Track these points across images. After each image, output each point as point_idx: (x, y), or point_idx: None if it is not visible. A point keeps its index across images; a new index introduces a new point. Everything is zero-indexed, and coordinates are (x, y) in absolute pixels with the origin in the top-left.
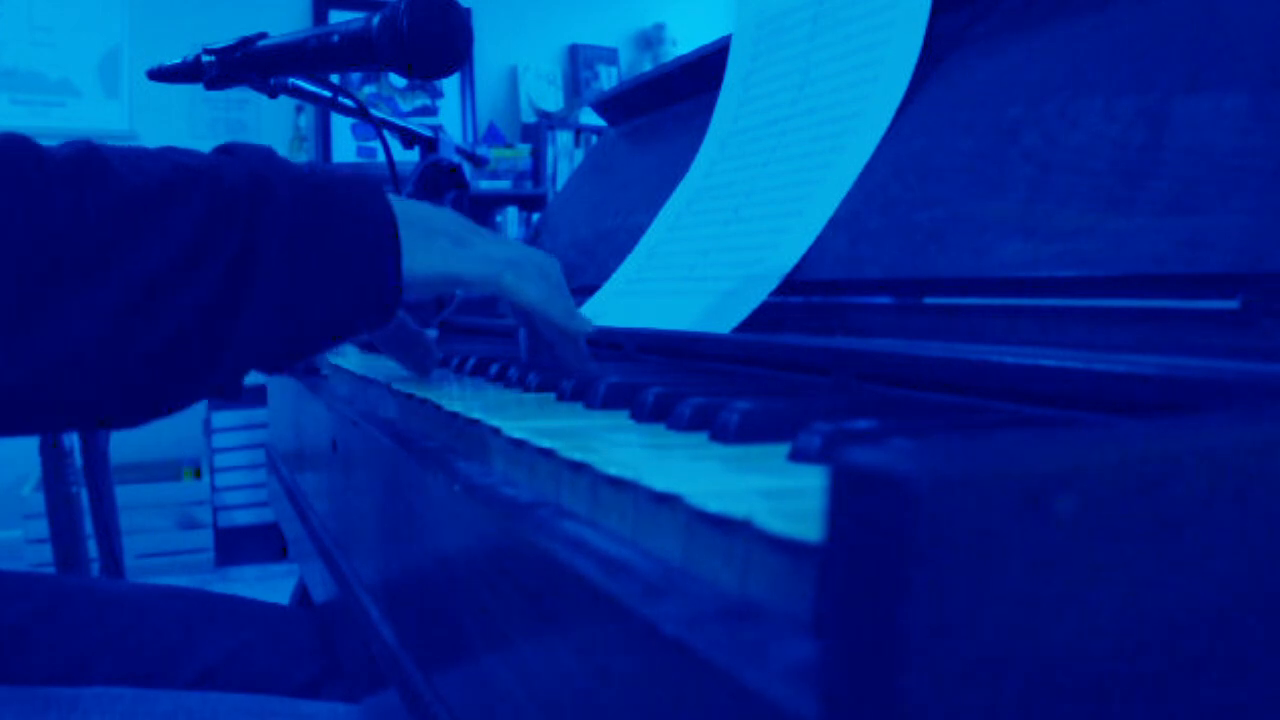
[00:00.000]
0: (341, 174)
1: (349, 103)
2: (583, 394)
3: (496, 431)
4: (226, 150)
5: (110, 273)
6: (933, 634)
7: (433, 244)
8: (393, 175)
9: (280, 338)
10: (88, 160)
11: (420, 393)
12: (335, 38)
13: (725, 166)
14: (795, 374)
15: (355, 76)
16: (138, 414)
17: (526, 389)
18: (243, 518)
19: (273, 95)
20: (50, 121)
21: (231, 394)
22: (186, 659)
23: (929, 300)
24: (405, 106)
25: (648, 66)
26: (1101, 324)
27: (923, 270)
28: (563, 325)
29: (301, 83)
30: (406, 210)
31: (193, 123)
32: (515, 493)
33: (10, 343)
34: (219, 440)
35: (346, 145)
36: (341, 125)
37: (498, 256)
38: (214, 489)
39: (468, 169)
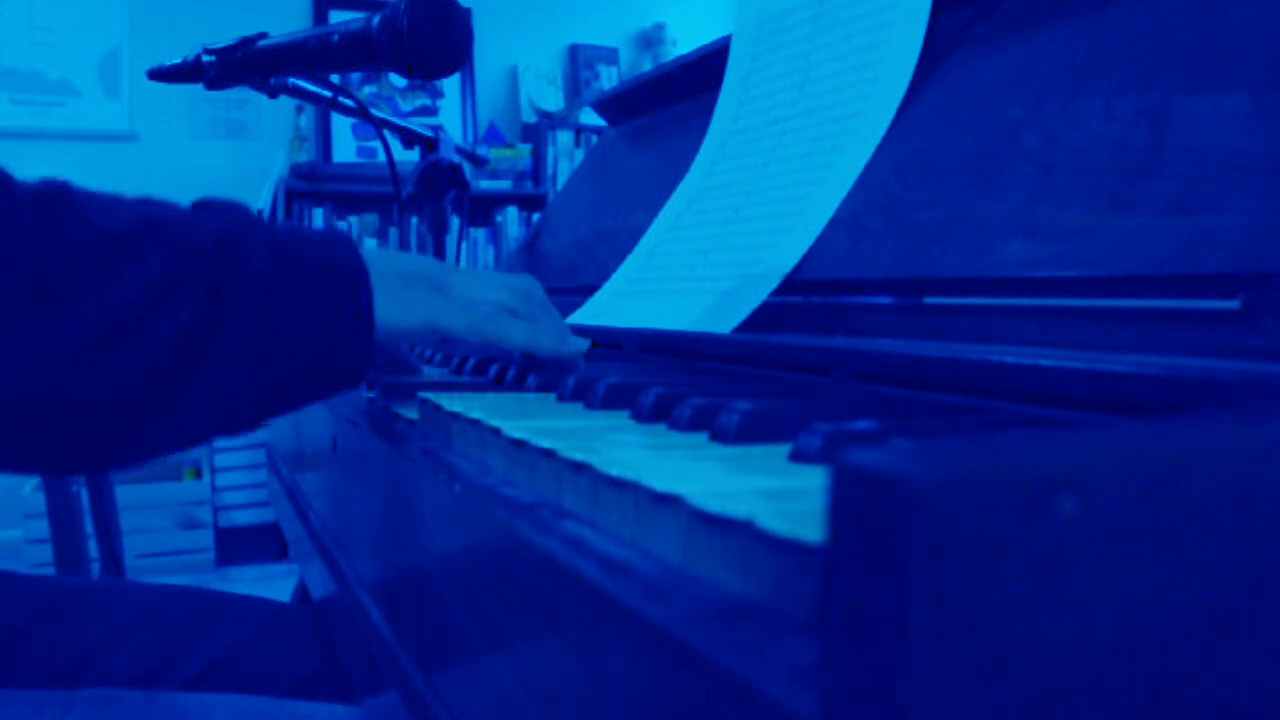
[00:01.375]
0: (315, 232)
1: (349, 103)
2: (583, 394)
3: (497, 431)
4: (201, 205)
5: (69, 307)
6: (933, 634)
7: (412, 294)
8: (393, 175)
9: (245, 394)
10: (58, 197)
11: (422, 393)
12: (335, 38)
13: (725, 166)
14: (795, 374)
15: (355, 76)
16: (92, 459)
17: (526, 389)
18: (243, 518)
19: (273, 95)
20: (50, 121)
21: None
22: (186, 656)
23: (929, 300)
24: (405, 106)
25: (648, 66)
26: (1102, 324)
27: (923, 270)
28: (554, 354)
29: (301, 83)
30: (381, 262)
31: (193, 123)
32: (515, 493)
33: None
34: (219, 440)
35: (346, 145)
36: (341, 125)
37: (478, 300)
38: (214, 489)
39: (468, 169)
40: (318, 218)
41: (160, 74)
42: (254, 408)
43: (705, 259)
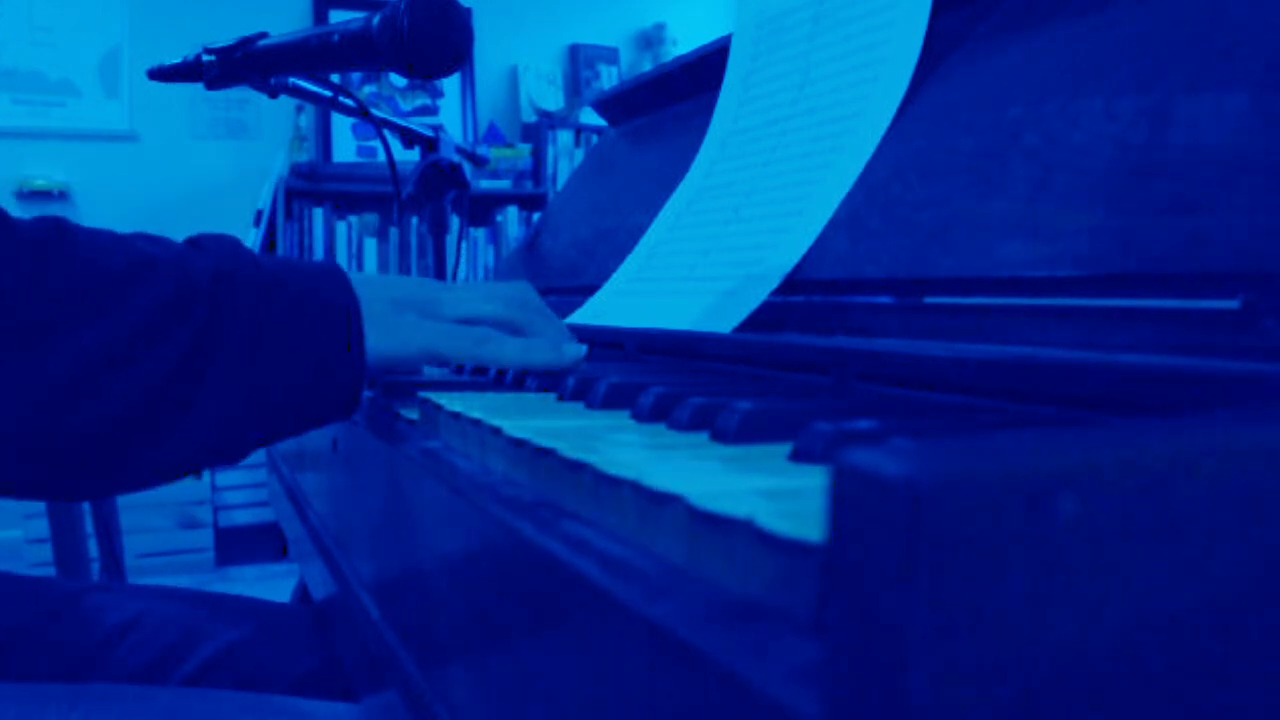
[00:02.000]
0: (308, 266)
1: (349, 102)
2: (583, 394)
3: (497, 431)
4: (194, 243)
5: (64, 342)
6: (934, 634)
7: (403, 322)
8: (393, 175)
9: (237, 429)
10: (55, 234)
11: (422, 393)
12: (335, 37)
13: (725, 166)
14: (795, 374)
15: (355, 76)
16: (86, 489)
17: (526, 389)
18: (243, 518)
19: (273, 95)
20: (50, 121)
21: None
22: (184, 655)
23: (929, 300)
24: (405, 106)
25: (648, 66)
26: (1102, 324)
27: (923, 270)
28: (549, 367)
29: (302, 82)
30: (372, 292)
31: (193, 123)
32: (516, 493)
33: None
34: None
35: (346, 145)
36: (341, 125)
37: (472, 318)
38: (214, 489)
39: (468, 169)
40: (318, 218)
41: (160, 74)
42: (247, 441)
43: (705, 259)
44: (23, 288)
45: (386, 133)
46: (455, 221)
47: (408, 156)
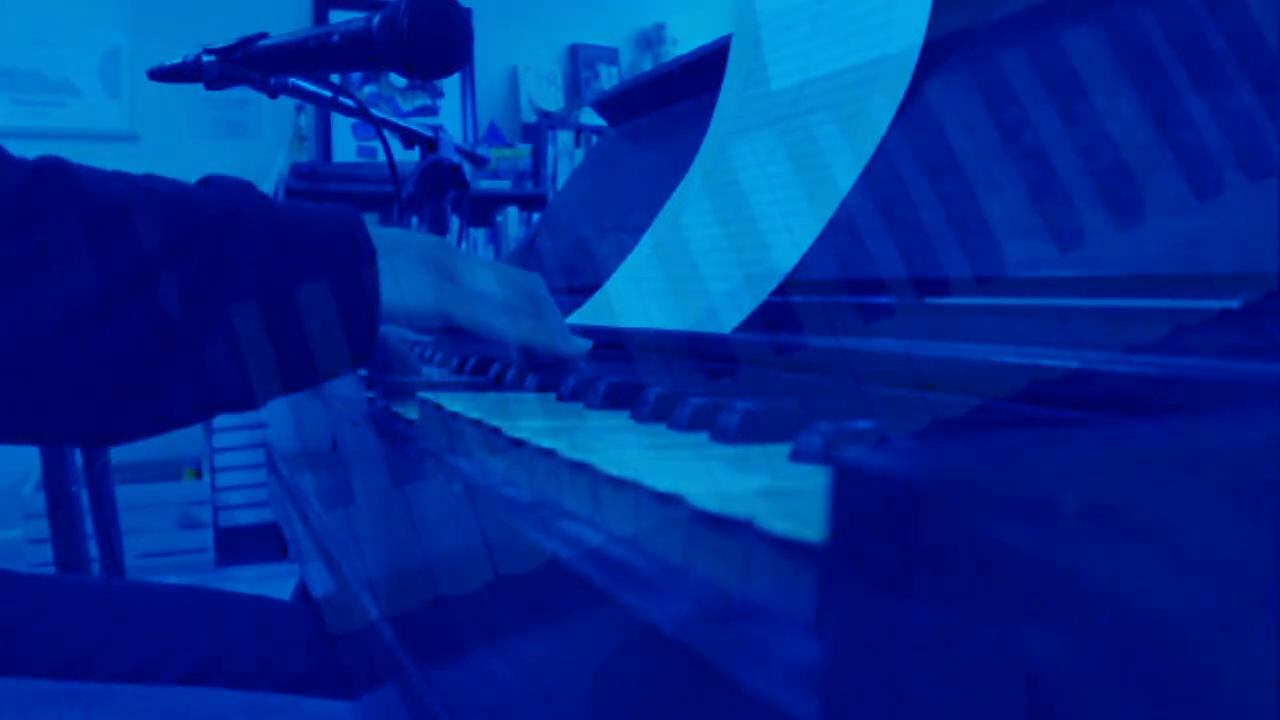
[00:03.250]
0: (322, 208)
1: (349, 102)
2: (583, 394)
3: (497, 431)
4: (206, 182)
5: (65, 274)
6: (933, 635)
7: (419, 276)
8: (393, 175)
9: (246, 367)
10: (54, 168)
11: (422, 393)
12: (335, 37)
13: (725, 167)
14: (795, 374)
15: (355, 76)
16: (92, 429)
17: (526, 389)
18: (243, 518)
19: (273, 95)
20: (50, 121)
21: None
22: (181, 651)
23: (929, 300)
24: (405, 106)
25: (648, 66)
26: (1102, 324)
27: (923, 270)
28: (554, 352)
29: (302, 83)
30: (391, 240)
31: (193, 123)
32: (516, 493)
33: None
34: (219, 440)
35: (346, 145)
36: (342, 125)
37: (484, 293)
38: (214, 489)
39: (468, 169)
40: None
41: (160, 74)
42: (255, 383)
43: (705, 259)
44: (19, 218)
45: (386, 133)
46: (455, 222)
47: (408, 157)
